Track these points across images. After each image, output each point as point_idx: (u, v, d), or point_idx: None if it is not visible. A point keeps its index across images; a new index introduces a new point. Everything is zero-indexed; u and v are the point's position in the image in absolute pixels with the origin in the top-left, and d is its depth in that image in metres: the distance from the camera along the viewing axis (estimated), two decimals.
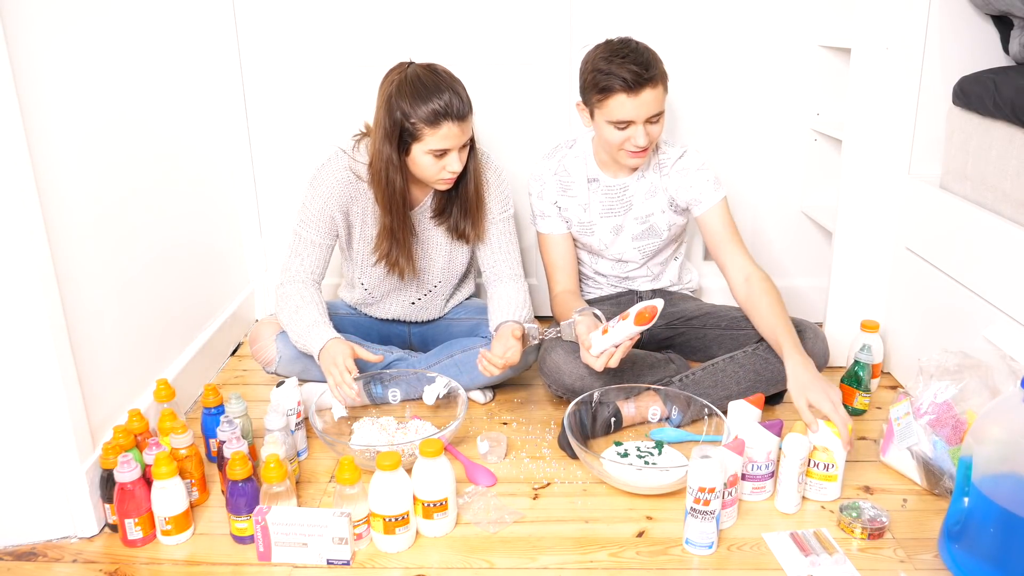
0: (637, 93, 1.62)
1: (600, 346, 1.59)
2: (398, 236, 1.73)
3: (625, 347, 1.58)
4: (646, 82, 1.62)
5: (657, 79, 1.64)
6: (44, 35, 1.36)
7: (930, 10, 1.74)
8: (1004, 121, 1.58)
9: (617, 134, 1.68)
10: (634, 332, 1.56)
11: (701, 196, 1.79)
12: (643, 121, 1.65)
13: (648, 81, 1.62)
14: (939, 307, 1.76)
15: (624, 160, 1.74)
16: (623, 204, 1.84)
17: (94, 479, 1.41)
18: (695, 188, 1.79)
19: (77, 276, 1.44)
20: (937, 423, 1.50)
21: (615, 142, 1.70)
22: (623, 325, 1.57)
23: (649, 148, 1.72)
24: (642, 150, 1.70)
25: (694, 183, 1.79)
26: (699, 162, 1.80)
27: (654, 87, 1.63)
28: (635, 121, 1.65)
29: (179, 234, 1.88)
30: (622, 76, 1.61)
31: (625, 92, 1.62)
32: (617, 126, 1.67)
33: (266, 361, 1.81)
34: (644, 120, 1.65)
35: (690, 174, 1.79)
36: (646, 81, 1.62)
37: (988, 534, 1.24)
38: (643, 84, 1.62)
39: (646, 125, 1.67)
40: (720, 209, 1.79)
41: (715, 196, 1.79)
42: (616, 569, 1.34)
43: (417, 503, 1.38)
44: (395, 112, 1.59)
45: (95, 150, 1.52)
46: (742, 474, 1.46)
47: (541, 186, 1.86)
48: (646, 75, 1.61)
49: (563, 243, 1.89)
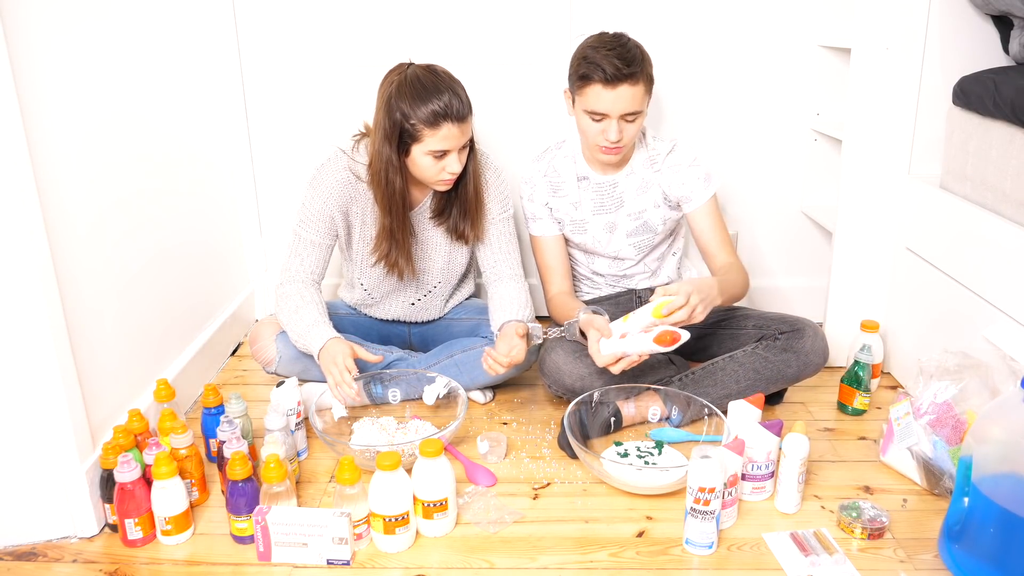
0: (614, 86, 1.62)
1: (612, 348, 1.57)
2: (397, 237, 1.73)
3: (633, 360, 1.58)
4: (625, 77, 1.62)
5: (638, 77, 1.63)
6: (44, 35, 1.36)
7: (930, 10, 1.75)
8: (1004, 121, 1.58)
9: (592, 125, 1.69)
10: (651, 350, 1.55)
11: (692, 194, 1.79)
12: (618, 116, 1.65)
13: (627, 77, 1.62)
14: (939, 307, 1.76)
15: (596, 155, 1.75)
16: (614, 201, 1.84)
17: (94, 479, 1.41)
18: (686, 185, 1.79)
19: (77, 276, 1.44)
20: (937, 423, 1.50)
21: (589, 134, 1.71)
22: (642, 338, 1.55)
23: (623, 147, 1.71)
24: (614, 146, 1.70)
25: (686, 180, 1.79)
26: (690, 157, 1.80)
27: (633, 84, 1.63)
28: (609, 115, 1.65)
29: (179, 234, 1.88)
30: (603, 67, 1.62)
31: (602, 83, 1.63)
32: (592, 116, 1.68)
33: (266, 361, 1.81)
34: (619, 116, 1.65)
35: (682, 170, 1.79)
36: (625, 76, 1.62)
37: (988, 534, 1.24)
38: (622, 79, 1.62)
39: (621, 122, 1.67)
40: (709, 208, 1.80)
41: (705, 194, 1.79)
42: (616, 569, 1.34)
43: (417, 503, 1.38)
44: (395, 113, 1.59)
45: (95, 150, 1.52)
46: (742, 474, 1.46)
47: (532, 189, 1.86)
48: (626, 70, 1.62)
49: (556, 245, 1.89)
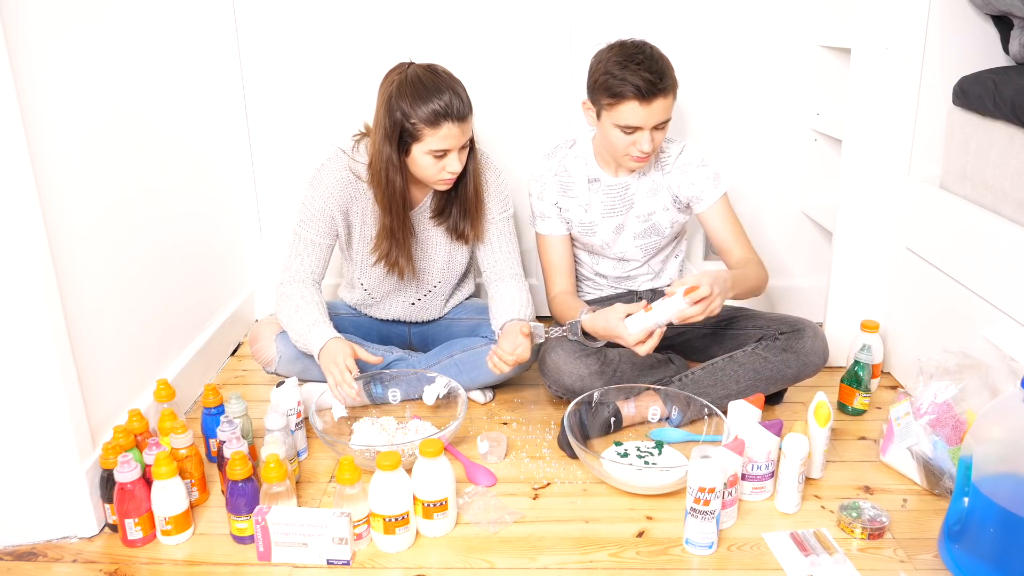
0: (649, 102, 1.61)
1: (643, 323, 1.53)
2: (397, 236, 1.73)
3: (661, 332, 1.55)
4: (659, 92, 1.61)
5: (670, 89, 1.63)
6: (44, 35, 1.36)
7: (930, 10, 1.74)
8: (1004, 121, 1.58)
9: (623, 138, 1.68)
10: (680, 308, 1.49)
11: (702, 194, 1.79)
12: (650, 128, 1.66)
13: (661, 91, 1.61)
14: (939, 307, 1.76)
15: (627, 163, 1.75)
16: (624, 203, 1.84)
17: (94, 479, 1.41)
18: (696, 186, 1.79)
19: (77, 276, 1.44)
20: (937, 423, 1.50)
21: (620, 145, 1.70)
22: (669, 302, 1.49)
23: (653, 153, 1.72)
24: (646, 155, 1.70)
25: (695, 180, 1.79)
26: (699, 158, 1.80)
27: (666, 97, 1.63)
28: (643, 127, 1.65)
29: (179, 234, 1.88)
30: (636, 84, 1.60)
31: (638, 100, 1.61)
32: (624, 131, 1.66)
33: (266, 361, 1.81)
34: (652, 127, 1.66)
35: (691, 171, 1.79)
36: (659, 91, 1.61)
37: (988, 534, 1.24)
38: (656, 94, 1.61)
39: (652, 131, 1.67)
40: (721, 206, 1.80)
41: (715, 193, 1.79)
42: (616, 569, 1.34)
43: (417, 503, 1.38)
44: (395, 112, 1.59)
45: (95, 150, 1.52)
46: (742, 474, 1.46)
47: (541, 187, 1.86)
48: (660, 84, 1.61)
49: (562, 245, 1.89)
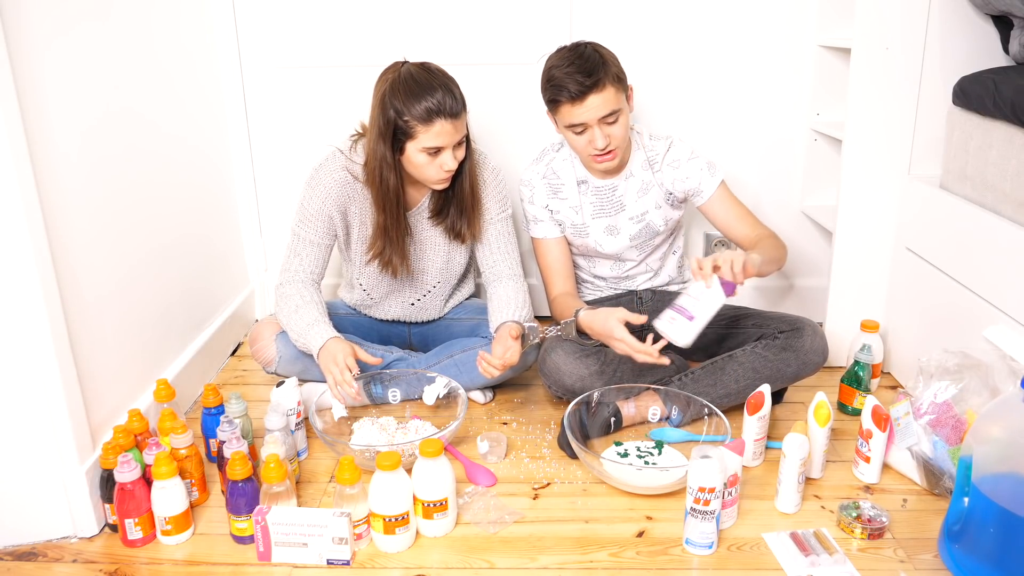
0: (582, 101, 1.63)
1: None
2: (392, 234, 1.73)
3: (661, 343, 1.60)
4: (588, 89, 1.62)
5: (602, 83, 1.63)
6: (45, 34, 1.36)
7: (930, 10, 1.74)
8: (1004, 121, 1.58)
9: (578, 138, 1.70)
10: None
11: (700, 186, 1.80)
12: (597, 122, 1.66)
13: (591, 88, 1.62)
14: (939, 307, 1.76)
15: (592, 165, 1.75)
16: (614, 205, 1.84)
17: (94, 479, 1.41)
18: (692, 179, 1.79)
19: (77, 276, 1.44)
20: (937, 423, 1.50)
21: (580, 146, 1.72)
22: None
23: (616, 150, 1.71)
24: (604, 152, 1.70)
25: (689, 174, 1.79)
26: (688, 151, 1.80)
27: (599, 91, 1.63)
28: (588, 124, 1.66)
29: (179, 234, 1.88)
30: (566, 87, 1.63)
31: (570, 102, 1.64)
32: (574, 130, 1.69)
33: (266, 361, 1.81)
34: (598, 121, 1.66)
35: (683, 165, 1.79)
36: (588, 88, 1.62)
37: (988, 534, 1.24)
38: (586, 92, 1.62)
39: (603, 126, 1.67)
40: (722, 194, 1.81)
41: (713, 182, 1.80)
42: (616, 569, 1.34)
43: (417, 503, 1.38)
44: (389, 110, 1.59)
45: (96, 150, 1.52)
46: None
47: (531, 191, 1.86)
48: (587, 82, 1.62)
49: (558, 247, 1.89)
